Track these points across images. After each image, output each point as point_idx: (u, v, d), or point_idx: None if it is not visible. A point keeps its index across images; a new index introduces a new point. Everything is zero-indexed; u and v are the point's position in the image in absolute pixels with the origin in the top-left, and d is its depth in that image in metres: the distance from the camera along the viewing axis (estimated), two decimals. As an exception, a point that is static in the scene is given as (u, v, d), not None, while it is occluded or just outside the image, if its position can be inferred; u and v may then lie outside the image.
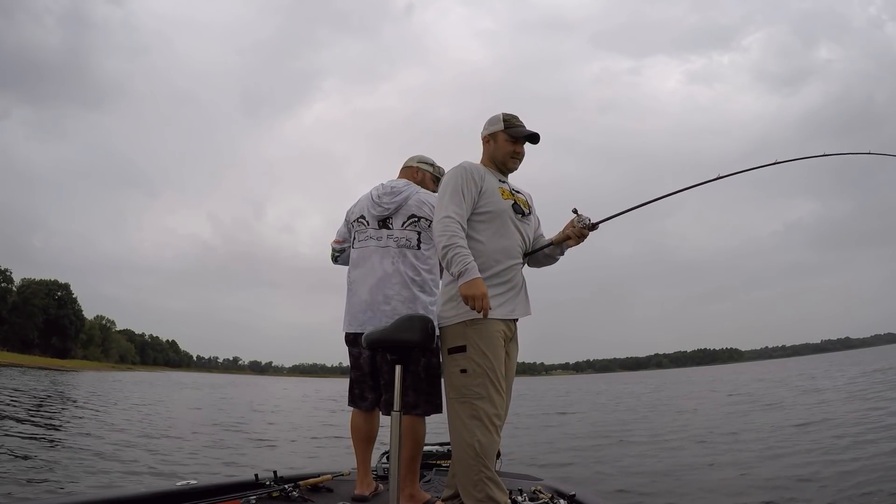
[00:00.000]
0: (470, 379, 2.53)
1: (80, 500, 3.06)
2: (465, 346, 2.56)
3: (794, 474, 6.30)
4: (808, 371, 38.82)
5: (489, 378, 2.53)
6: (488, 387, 2.52)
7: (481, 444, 2.46)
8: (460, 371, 2.55)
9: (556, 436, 11.55)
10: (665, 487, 6.21)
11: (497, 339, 2.60)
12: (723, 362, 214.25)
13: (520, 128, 2.83)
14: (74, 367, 67.96)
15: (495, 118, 2.85)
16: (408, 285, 3.03)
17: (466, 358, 2.55)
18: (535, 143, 2.85)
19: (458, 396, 2.56)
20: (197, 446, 9.40)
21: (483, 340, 2.56)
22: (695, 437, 10.02)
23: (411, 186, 3.20)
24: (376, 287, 3.05)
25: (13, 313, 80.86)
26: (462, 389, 2.54)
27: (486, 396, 2.51)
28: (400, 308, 2.99)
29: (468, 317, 2.56)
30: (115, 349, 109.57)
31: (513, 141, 2.82)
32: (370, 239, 3.15)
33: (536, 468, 6.61)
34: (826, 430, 9.52)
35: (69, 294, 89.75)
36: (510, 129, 2.81)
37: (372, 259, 3.10)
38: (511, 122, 2.83)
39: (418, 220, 3.10)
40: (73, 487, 5.64)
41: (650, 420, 14.31)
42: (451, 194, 2.64)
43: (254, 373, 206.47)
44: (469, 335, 2.57)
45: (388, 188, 3.18)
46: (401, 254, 3.07)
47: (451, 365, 2.60)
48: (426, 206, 3.11)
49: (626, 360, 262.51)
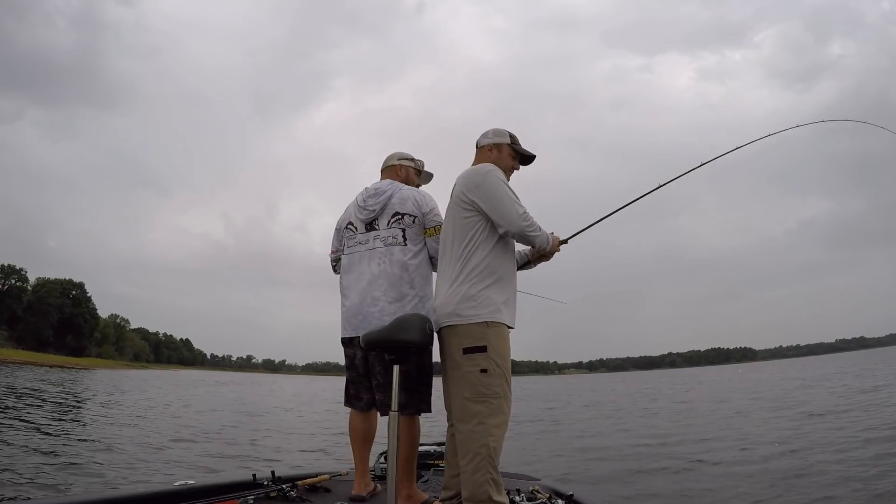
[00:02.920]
0: (491, 378, 2.58)
1: (79, 500, 3.06)
2: (486, 347, 2.60)
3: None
4: (832, 372, 36.31)
5: (506, 379, 2.63)
6: (505, 388, 2.61)
7: (496, 444, 2.52)
8: (480, 371, 2.59)
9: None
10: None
11: (508, 344, 2.70)
12: (736, 361, 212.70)
13: (522, 147, 3.03)
14: (88, 366, 68.55)
15: (502, 131, 2.99)
16: (395, 284, 3.05)
17: (487, 358, 2.59)
18: (526, 165, 3.06)
19: (475, 396, 2.58)
20: (197, 446, 9.45)
21: (501, 342, 2.65)
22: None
23: (394, 185, 3.23)
24: (365, 290, 3.08)
25: (28, 312, 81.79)
26: (481, 389, 2.58)
27: (504, 396, 2.60)
28: (387, 308, 3.01)
29: (490, 318, 2.63)
30: (129, 347, 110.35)
31: (513, 157, 2.99)
32: (358, 244, 3.20)
33: (533, 469, 6.42)
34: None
35: (83, 293, 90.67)
36: (516, 146, 2.99)
37: (360, 264, 3.15)
38: (516, 140, 3.01)
39: (402, 216, 3.13)
40: (73, 487, 5.66)
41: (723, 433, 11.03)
42: (510, 195, 2.74)
43: (267, 371, 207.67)
44: (490, 336, 2.62)
45: (373, 190, 3.22)
46: (388, 252, 3.09)
47: (469, 364, 2.61)
48: (409, 202, 3.14)
49: (639, 359, 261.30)
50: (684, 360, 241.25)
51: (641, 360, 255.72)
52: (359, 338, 2.96)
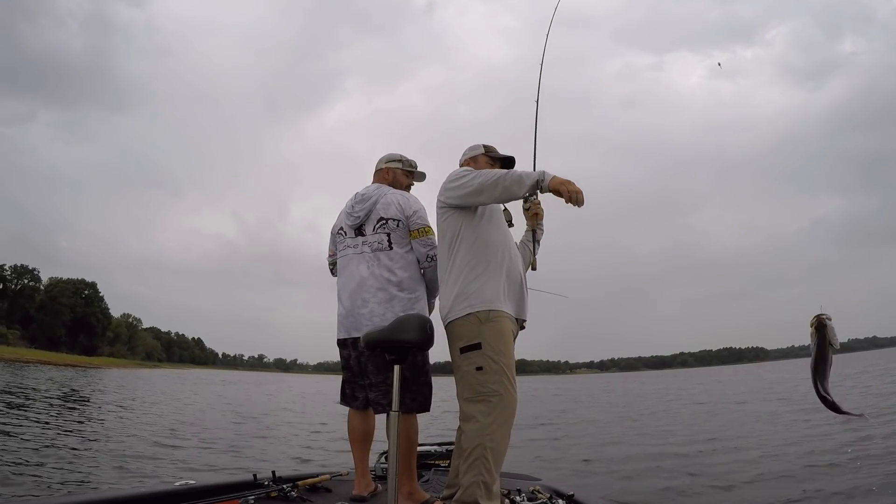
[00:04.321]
0: (487, 376, 2.52)
1: (79, 500, 3.06)
2: (480, 344, 2.55)
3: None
4: (853, 371, 32.25)
5: (506, 375, 2.53)
6: (505, 384, 2.52)
7: (493, 444, 2.43)
8: (476, 369, 2.53)
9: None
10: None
11: (509, 336, 2.63)
12: (749, 361, 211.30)
13: (499, 152, 3.09)
14: (101, 365, 69.04)
15: (475, 146, 3.10)
16: (384, 286, 3.11)
17: (482, 355, 2.54)
18: (510, 168, 3.00)
19: (473, 395, 2.53)
20: (198, 446, 9.45)
21: (497, 337, 2.57)
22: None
23: (380, 189, 3.29)
24: (355, 293, 3.15)
25: (41, 312, 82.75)
26: (478, 387, 2.52)
27: (504, 394, 2.50)
28: (376, 309, 3.08)
29: (483, 307, 2.59)
30: (142, 347, 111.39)
31: (491, 164, 3.02)
32: (348, 248, 3.27)
33: (535, 469, 6.18)
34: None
35: (96, 293, 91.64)
36: (492, 153, 3.07)
37: (350, 267, 3.22)
38: (491, 148, 3.09)
39: (386, 221, 3.19)
40: (73, 487, 5.68)
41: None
42: (468, 170, 2.77)
43: (279, 370, 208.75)
44: (483, 332, 2.56)
45: (360, 196, 3.29)
46: (375, 257, 3.16)
47: (466, 364, 2.57)
48: (392, 207, 3.19)
49: (650, 358, 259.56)
50: (696, 359, 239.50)
51: (653, 360, 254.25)
52: (351, 339, 3.14)
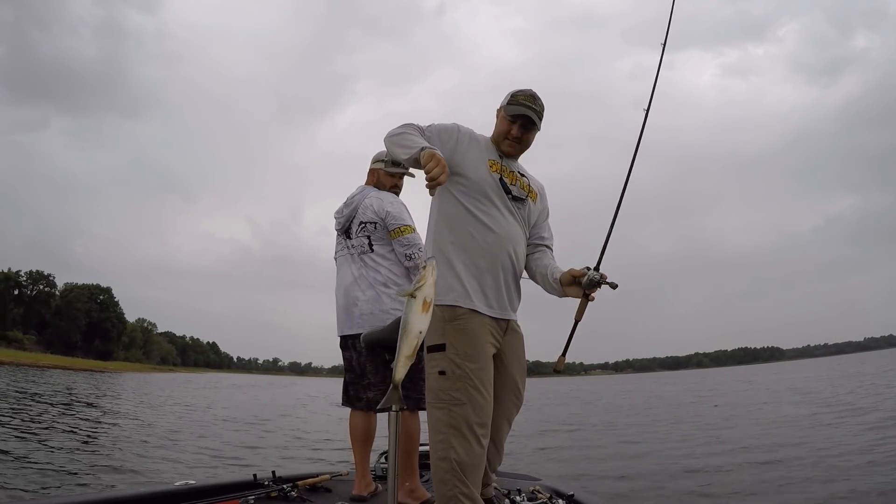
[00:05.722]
0: (448, 382, 2.19)
1: (79, 500, 3.07)
2: (444, 345, 2.23)
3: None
4: (873, 371, 32.29)
5: (471, 382, 2.18)
6: (470, 391, 2.17)
7: (459, 457, 2.12)
8: (438, 373, 2.22)
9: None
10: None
11: (481, 336, 2.27)
12: (764, 361, 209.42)
13: (516, 105, 2.40)
14: (116, 369, 69.65)
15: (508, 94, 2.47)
16: (371, 286, 3.21)
17: (445, 358, 2.21)
18: (531, 128, 2.43)
19: (435, 401, 2.22)
20: (198, 446, 9.48)
21: (464, 337, 2.23)
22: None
23: (364, 192, 3.37)
24: (347, 292, 3.27)
25: (57, 317, 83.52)
26: (439, 394, 2.20)
27: (467, 403, 2.16)
28: (366, 308, 3.18)
29: (446, 301, 2.25)
30: (157, 351, 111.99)
31: (510, 120, 2.41)
32: (341, 248, 3.41)
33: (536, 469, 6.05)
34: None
35: (111, 297, 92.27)
36: (508, 106, 2.42)
37: (343, 268, 3.36)
38: (513, 98, 2.42)
39: (365, 224, 3.27)
40: (73, 487, 5.69)
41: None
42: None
43: (293, 373, 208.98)
44: (448, 332, 2.24)
45: (346, 200, 3.40)
46: (360, 259, 3.28)
47: (430, 365, 2.27)
48: (369, 210, 3.27)
49: (665, 359, 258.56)
50: (711, 360, 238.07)
51: (668, 361, 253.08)
52: (351, 338, 3.22)
